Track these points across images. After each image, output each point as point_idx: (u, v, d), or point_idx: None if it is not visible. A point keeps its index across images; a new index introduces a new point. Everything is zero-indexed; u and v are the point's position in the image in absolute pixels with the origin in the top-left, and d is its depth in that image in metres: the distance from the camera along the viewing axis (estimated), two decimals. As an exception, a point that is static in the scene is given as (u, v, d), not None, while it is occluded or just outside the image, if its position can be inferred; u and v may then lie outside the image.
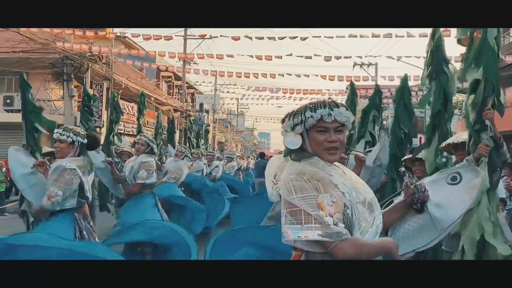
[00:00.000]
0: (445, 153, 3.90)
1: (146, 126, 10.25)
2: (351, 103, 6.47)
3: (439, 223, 2.11)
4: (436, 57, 3.96)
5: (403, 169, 5.00)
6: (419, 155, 5.11)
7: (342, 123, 1.70)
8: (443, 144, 3.68)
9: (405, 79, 5.32)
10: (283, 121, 1.80)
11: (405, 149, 5.19)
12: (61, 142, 3.49)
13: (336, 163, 1.78)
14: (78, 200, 3.47)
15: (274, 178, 3.65)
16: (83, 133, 3.64)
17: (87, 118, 7.75)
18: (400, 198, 2.10)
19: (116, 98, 8.77)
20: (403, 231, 2.18)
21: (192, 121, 14.61)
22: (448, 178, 2.39)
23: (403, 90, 5.16)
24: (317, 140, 1.70)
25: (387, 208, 2.04)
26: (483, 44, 3.16)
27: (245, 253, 2.65)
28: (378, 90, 6.24)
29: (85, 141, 3.60)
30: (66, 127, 3.60)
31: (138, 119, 9.87)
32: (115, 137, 8.20)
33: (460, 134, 3.65)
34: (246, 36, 13.03)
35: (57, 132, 3.50)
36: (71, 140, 3.50)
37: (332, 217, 1.50)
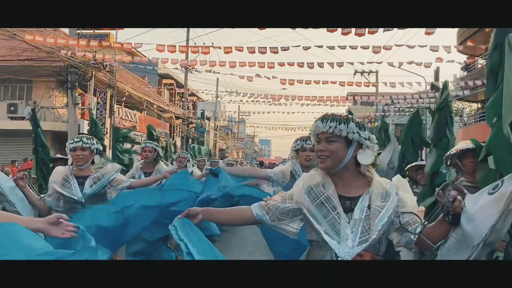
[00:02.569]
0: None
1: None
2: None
3: (470, 239, 1.83)
4: (439, 120, 3.98)
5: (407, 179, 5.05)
6: (412, 164, 5.14)
7: (333, 133, 1.85)
8: (448, 153, 3.44)
9: (416, 113, 5.22)
10: None
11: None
12: (84, 150, 3.58)
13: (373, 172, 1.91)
14: None
15: None
16: (96, 140, 3.77)
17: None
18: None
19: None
20: (447, 246, 1.93)
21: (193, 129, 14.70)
22: (490, 188, 1.95)
23: (412, 124, 5.13)
24: (315, 149, 1.94)
25: (433, 223, 1.90)
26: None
27: None
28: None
29: (101, 148, 3.74)
30: (85, 135, 3.71)
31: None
32: None
33: (465, 142, 3.41)
34: (248, 48, 13.14)
35: (80, 141, 3.57)
36: (94, 147, 3.62)
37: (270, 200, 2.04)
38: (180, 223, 1.89)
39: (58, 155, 7.02)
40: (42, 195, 3.74)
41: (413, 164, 5.01)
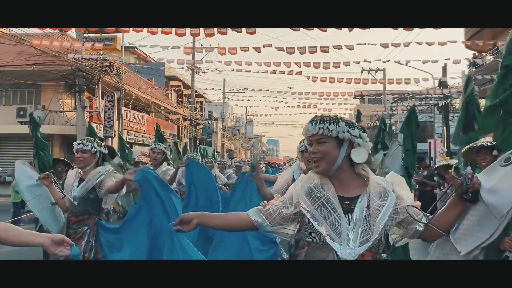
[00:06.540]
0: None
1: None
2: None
3: (497, 210, 1.95)
4: (468, 112, 3.91)
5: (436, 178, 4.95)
6: (442, 162, 5.08)
7: (324, 134, 1.84)
8: (465, 148, 3.46)
9: (412, 110, 5.00)
10: None
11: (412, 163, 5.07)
12: (84, 152, 3.59)
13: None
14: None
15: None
16: (103, 144, 3.78)
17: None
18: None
19: None
20: (463, 228, 2.08)
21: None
22: (501, 160, 2.13)
23: (410, 122, 4.90)
24: (308, 152, 1.93)
25: (443, 208, 1.94)
26: None
27: None
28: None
29: (106, 151, 3.74)
30: (88, 138, 3.71)
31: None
32: None
33: (483, 139, 3.40)
34: (254, 48, 13.20)
35: (80, 143, 3.59)
36: (95, 150, 3.62)
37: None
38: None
39: (58, 158, 7.12)
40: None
41: (442, 163, 5.05)
